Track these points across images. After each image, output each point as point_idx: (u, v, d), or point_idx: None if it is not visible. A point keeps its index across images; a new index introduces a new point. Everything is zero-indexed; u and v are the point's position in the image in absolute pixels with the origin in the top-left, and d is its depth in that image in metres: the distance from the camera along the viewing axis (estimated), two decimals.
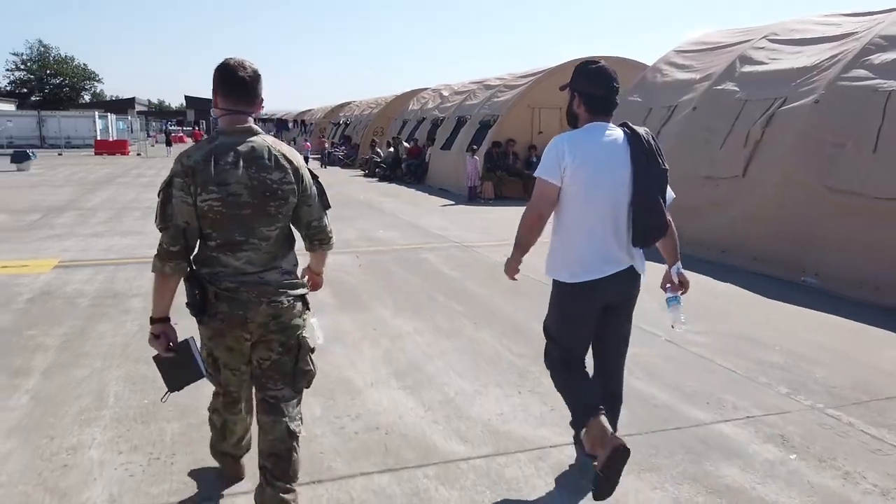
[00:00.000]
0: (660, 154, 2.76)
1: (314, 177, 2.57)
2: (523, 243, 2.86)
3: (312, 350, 2.57)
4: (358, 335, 5.00)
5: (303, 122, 43.54)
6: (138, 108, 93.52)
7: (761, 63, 8.83)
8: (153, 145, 46.81)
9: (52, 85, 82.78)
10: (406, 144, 20.15)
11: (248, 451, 2.88)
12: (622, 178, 2.70)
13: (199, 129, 40.39)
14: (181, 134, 60.83)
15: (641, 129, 2.77)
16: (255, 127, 2.45)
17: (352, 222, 10.64)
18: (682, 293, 2.95)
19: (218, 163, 2.32)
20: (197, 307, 2.40)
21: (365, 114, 30.57)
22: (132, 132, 48.75)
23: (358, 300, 6.01)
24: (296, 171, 2.44)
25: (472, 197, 14.19)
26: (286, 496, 2.45)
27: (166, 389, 2.59)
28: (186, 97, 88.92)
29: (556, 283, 2.89)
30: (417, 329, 5.15)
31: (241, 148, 2.37)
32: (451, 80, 26.87)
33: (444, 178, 16.78)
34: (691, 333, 4.85)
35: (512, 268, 2.93)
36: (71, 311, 5.52)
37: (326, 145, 27.94)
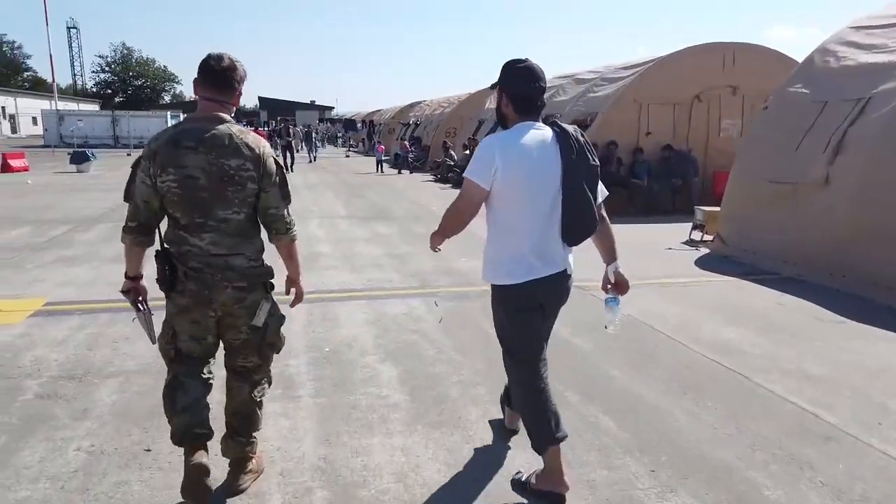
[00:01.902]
0: (590, 150, 2.71)
1: (279, 167, 2.63)
2: (445, 234, 2.84)
3: (281, 321, 2.77)
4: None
5: (371, 122, 42.17)
6: None
7: None
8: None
9: (135, 86, 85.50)
10: None
11: (207, 437, 2.62)
12: (553, 177, 2.66)
13: (261, 129, 39.60)
14: None
15: (570, 127, 2.72)
16: (224, 115, 2.54)
17: (425, 244, 8.51)
18: (621, 294, 2.95)
19: (178, 146, 2.45)
20: (165, 283, 2.56)
21: (436, 113, 28.60)
22: None
23: (444, 400, 3.85)
24: (256, 158, 2.52)
25: None
26: (247, 448, 2.80)
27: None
28: (260, 98, 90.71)
29: (497, 289, 2.83)
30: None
31: (204, 134, 2.47)
32: None
33: None
34: None
35: (437, 241, 2.91)
36: (3, 406, 3.62)
37: (404, 145, 25.94)
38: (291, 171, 20.13)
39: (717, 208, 9.10)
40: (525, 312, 2.80)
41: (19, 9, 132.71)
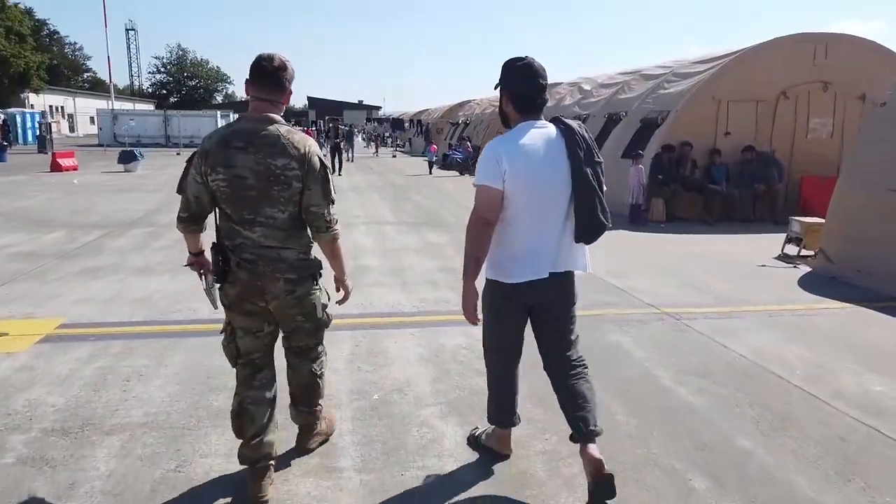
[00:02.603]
0: (594, 147, 2.66)
1: (324, 166, 2.65)
2: (475, 255, 2.67)
3: (325, 305, 2.85)
4: None
5: (419, 122, 41.49)
6: None
7: None
8: None
9: (188, 87, 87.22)
10: None
11: (272, 461, 2.73)
12: (560, 174, 2.61)
13: (310, 129, 39.48)
14: None
15: (574, 123, 2.69)
16: (274, 116, 2.59)
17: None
18: None
19: (229, 146, 2.53)
20: (219, 274, 2.64)
21: (486, 113, 27.59)
22: None
23: (527, 481, 2.93)
24: (302, 157, 2.56)
25: (636, 219, 10.74)
26: (310, 416, 3.02)
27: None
28: (308, 97, 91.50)
29: (491, 284, 2.78)
30: None
31: (254, 134, 2.54)
32: (564, 77, 23.24)
33: None
34: None
35: (469, 299, 2.71)
36: None
37: (451, 145, 24.99)
38: (340, 173, 19.43)
39: (818, 219, 7.92)
40: (513, 311, 2.80)
41: (80, 11, 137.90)
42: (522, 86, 2.65)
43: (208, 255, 2.79)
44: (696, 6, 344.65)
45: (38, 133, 33.87)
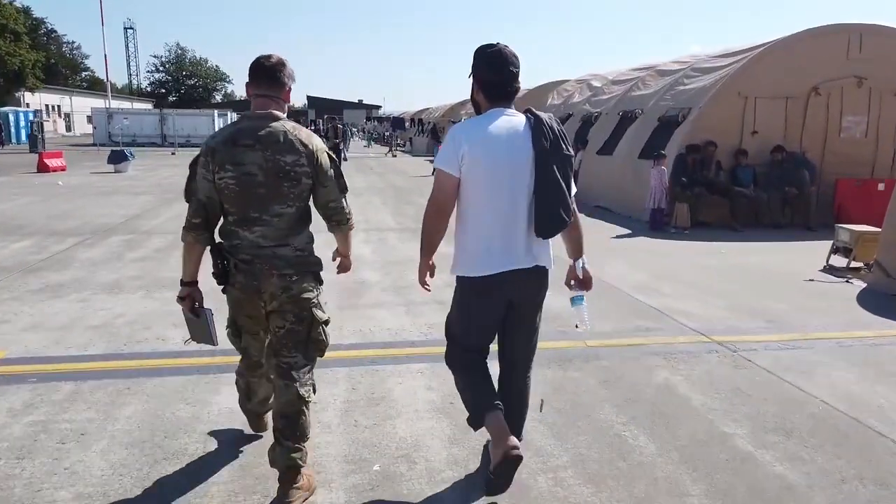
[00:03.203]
0: (564, 139, 2.57)
1: (332, 160, 2.66)
2: (429, 241, 2.64)
3: (326, 322, 2.74)
4: None
5: (420, 121, 40.67)
6: None
7: None
8: None
9: (187, 86, 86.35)
10: None
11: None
12: (523, 165, 2.54)
13: (314, 128, 38.73)
14: None
15: (545, 115, 2.59)
16: (277, 112, 2.59)
17: None
18: (586, 291, 2.82)
19: (237, 144, 2.52)
20: (220, 276, 2.63)
21: None
22: None
23: None
24: (311, 154, 2.57)
25: (658, 224, 9.92)
26: (294, 455, 2.63)
27: (189, 336, 2.86)
28: (308, 97, 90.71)
29: (458, 280, 2.70)
30: None
31: (261, 132, 2.52)
32: (566, 75, 22.47)
33: (603, 193, 12.59)
34: None
35: (422, 272, 2.70)
36: None
37: None
38: None
39: (871, 228, 7.11)
40: (481, 304, 2.68)
41: (78, 10, 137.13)
42: (492, 73, 2.58)
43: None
44: (692, 4, 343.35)
45: (29, 132, 32.96)
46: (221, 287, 2.66)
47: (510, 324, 2.74)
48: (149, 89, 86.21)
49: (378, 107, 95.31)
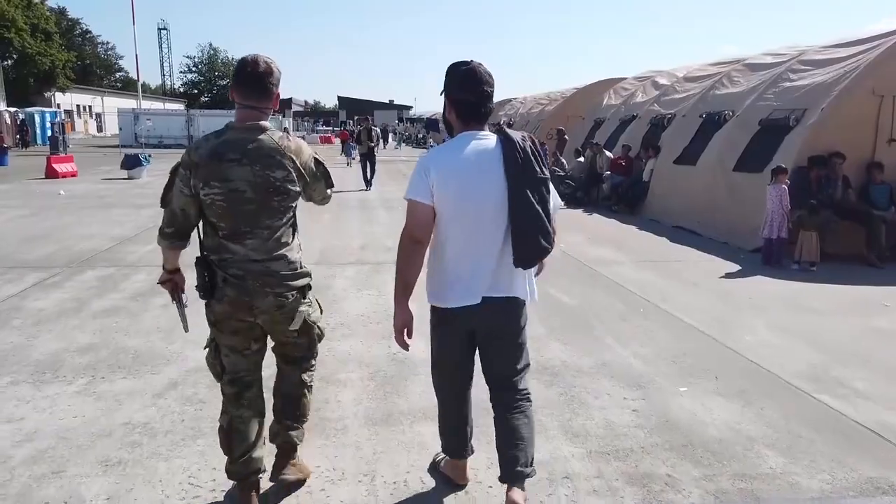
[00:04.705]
0: (537, 159, 2.45)
1: (318, 163, 2.63)
2: (404, 276, 2.49)
3: (319, 318, 2.75)
4: None
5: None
6: (295, 108, 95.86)
7: None
8: None
9: (219, 86, 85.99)
10: (609, 154, 14.02)
11: (261, 474, 2.66)
12: (494, 191, 2.42)
13: (345, 130, 37.20)
14: (330, 135, 58.94)
15: (517, 134, 2.49)
16: (264, 123, 2.49)
17: (557, 336, 4.91)
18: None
19: (223, 159, 2.41)
20: (205, 290, 2.52)
21: (533, 112, 24.78)
22: None
23: None
24: (299, 167, 2.51)
25: (773, 258, 7.77)
26: (292, 433, 2.74)
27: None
28: (339, 97, 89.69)
29: (431, 310, 2.64)
30: None
31: (248, 145, 2.43)
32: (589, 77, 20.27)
33: (685, 212, 10.49)
34: None
35: (399, 324, 2.52)
36: None
37: None
38: (370, 187, 16.08)
39: None
40: (452, 337, 2.61)
41: (113, 11, 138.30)
42: (464, 92, 2.47)
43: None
44: (735, 6, 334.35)
45: (50, 133, 31.95)
46: (205, 302, 2.55)
47: (486, 358, 2.63)
48: (181, 90, 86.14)
49: (409, 107, 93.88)
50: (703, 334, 5.13)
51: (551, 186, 2.52)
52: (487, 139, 2.46)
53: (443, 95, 2.54)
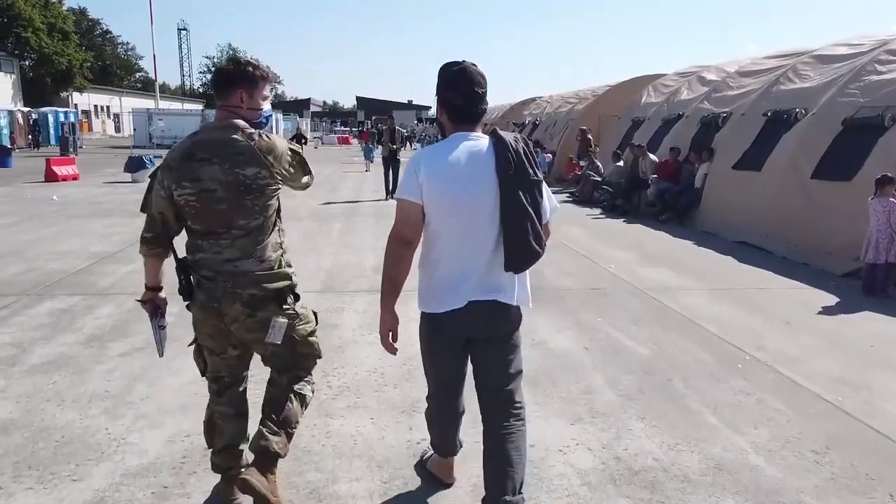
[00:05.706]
0: (531, 162, 2.38)
1: (294, 153, 2.56)
2: (392, 277, 2.41)
3: (312, 332, 2.62)
4: None
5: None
6: (313, 108, 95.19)
7: None
8: (316, 148, 43.07)
9: None
10: (653, 157, 12.61)
11: (242, 468, 2.57)
12: (486, 194, 2.34)
13: (365, 131, 36.16)
14: (348, 135, 57.91)
15: (510, 136, 2.40)
16: (238, 122, 2.43)
17: (636, 409, 3.60)
18: None
19: (193, 159, 2.37)
20: (184, 292, 2.51)
21: (561, 111, 23.36)
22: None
23: None
24: (271, 164, 2.42)
25: (876, 287, 6.37)
26: (271, 436, 2.51)
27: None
28: (357, 97, 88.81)
29: (421, 316, 2.55)
30: None
31: (218, 144, 2.39)
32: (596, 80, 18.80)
33: (749, 226, 9.08)
34: None
35: (385, 326, 2.45)
36: None
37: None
38: (390, 196, 13.47)
39: None
40: (440, 340, 2.52)
41: (133, 11, 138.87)
42: (455, 93, 2.39)
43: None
44: (755, 3, 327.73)
45: (60, 133, 31.20)
46: (186, 304, 2.53)
47: (476, 365, 2.55)
48: (201, 90, 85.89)
49: (428, 108, 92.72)
50: (835, 409, 3.78)
51: (545, 189, 2.42)
52: (479, 140, 2.39)
53: (435, 97, 2.48)
